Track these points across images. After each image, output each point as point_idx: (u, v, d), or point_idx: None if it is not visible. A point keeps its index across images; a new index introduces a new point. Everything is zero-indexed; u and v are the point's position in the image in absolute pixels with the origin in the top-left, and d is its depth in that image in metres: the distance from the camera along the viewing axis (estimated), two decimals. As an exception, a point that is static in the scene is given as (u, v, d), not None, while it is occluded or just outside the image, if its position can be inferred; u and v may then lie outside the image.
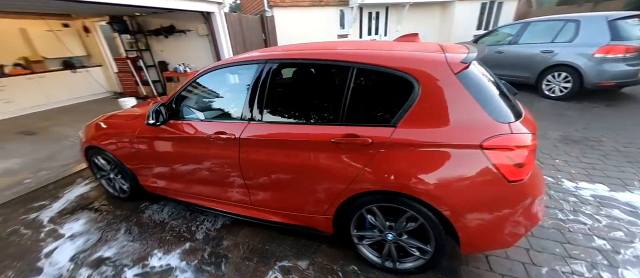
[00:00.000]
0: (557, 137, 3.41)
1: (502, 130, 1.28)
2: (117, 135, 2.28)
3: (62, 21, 7.08)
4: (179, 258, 1.88)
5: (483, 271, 1.66)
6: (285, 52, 1.77)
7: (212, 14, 5.57)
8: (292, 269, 1.74)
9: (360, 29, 9.77)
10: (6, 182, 3.08)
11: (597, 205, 2.17)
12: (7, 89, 6.03)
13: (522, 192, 1.31)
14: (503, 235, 1.41)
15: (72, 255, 1.97)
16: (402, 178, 1.38)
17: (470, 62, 1.36)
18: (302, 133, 1.59)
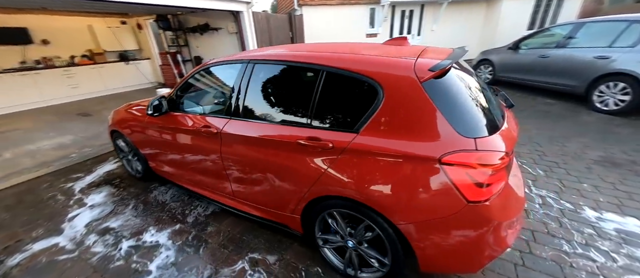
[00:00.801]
0: (595, 158, 2.94)
1: (465, 146, 1.18)
2: (132, 122, 2.59)
3: (120, 19, 8.14)
4: (167, 237, 2.08)
5: (452, 294, 1.54)
6: (265, 53, 1.83)
7: (241, 13, 5.89)
8: (260, 262, 1.82)
9: (390, 28, 9.42)
10: (58, 154, 3.70)
11: (619, 241, 1.85)
12: (75, 76, 7.15)
13: (484, 215, 1.18)
14: (464, 259, 1.30)
15: (87, 222, 2.30)
16: (359, 186, 1.36)
17: (439, 70, 1.26)
18: (274, 132, 1.64)
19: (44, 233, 2.19)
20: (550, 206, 2.23)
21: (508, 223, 1.25)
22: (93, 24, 7.56)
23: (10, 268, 1.84)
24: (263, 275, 1.72)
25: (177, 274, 1.75)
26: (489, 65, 6.59)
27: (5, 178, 3.09)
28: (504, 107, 1.73)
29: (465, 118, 1.25)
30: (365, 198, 1.35)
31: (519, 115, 4.32)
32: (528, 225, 2.03)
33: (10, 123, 5.31)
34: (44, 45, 6.86)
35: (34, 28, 6.57)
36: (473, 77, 1.61)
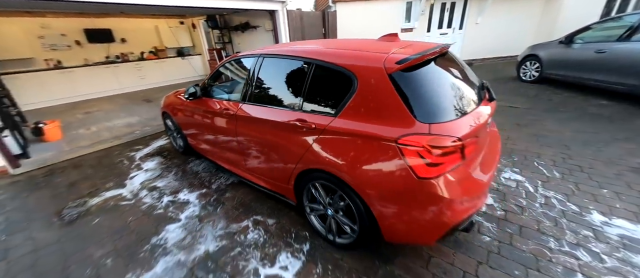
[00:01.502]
0: (635, 166, 2.64)
1: (419, 130, 1.35)
2: (177, 105, 3.19)
3: (179, 20, 9.40)
4: (195, 197, 2.60)
5: (418, 266, 1.70)
6: (273, 49, 2.17)
7: (276, 11, 6.37)
8: (261, 223, 2.20)
9: (428, 21, 9.01)
10: (126, 130, 4.64)
11: (618, 246, 1.76)
12: (143, 69, 8.55)
13: (433, 191, 1.34)
14: (419, 230, 1.47)
15: (142, 181, 2.97)
16: (332, 161, 1.62)
17: (405, 63, 1.44)
18: (274, 115, 1.97)
19: (113, 185, 2.90)
20: (553, 207, 2.16)
21: (460, 201, 1.38)
22: (158, 25, 8.89)
23: (90, 206, 2.55)
24: (261, 232, 2.09)
25: (199, 223, 2.23)
26: (536, 61, 5.99)
27: (91, 146, 4.05)
28: (486, 99, 1.77)
29: (424, 105, 1.41)
30: (338, 171, 1.60)
31: (559, 117, 3.98)
32: (518, 221, 2.03)
33: (96, 105, 6.69)
34: (123, 43, 8.34)
35: (115, 29, 8.04)
36: (458, 70, 1.72)
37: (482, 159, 1.66)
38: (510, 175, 2.62)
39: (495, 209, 2.17)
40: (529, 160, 2.87)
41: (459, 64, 1.90)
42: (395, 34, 2.04)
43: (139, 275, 1.76)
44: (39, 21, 6.85)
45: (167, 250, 1.96)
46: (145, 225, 2.25)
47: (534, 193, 2.34)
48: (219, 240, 2.03)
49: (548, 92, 5.32)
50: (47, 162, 3.59)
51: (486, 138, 1.78)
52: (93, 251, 1.99)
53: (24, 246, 2.08)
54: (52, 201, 2.67)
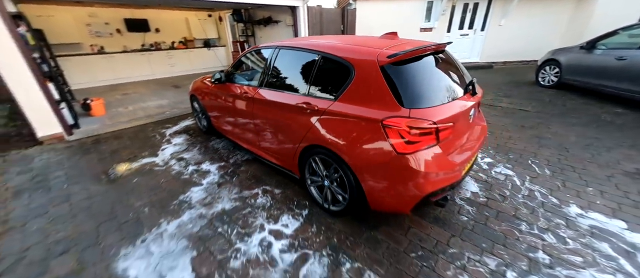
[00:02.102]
0: (629, 170, 2.71)
1: (401, 113, 1.64)
2: (203, 89, 3.63)
3: (208, 13, 10.02)
4: (215, 168, 3.02)
5: (398, 234, 1.98)
6: (288, 42, 2.50)
7: (297, 7, 6.71)
8: (268, 192, 2.56)
9: (449, 22, 8.94)
10: (157, 111, 5.21)
11: (586, 233, 1.93)
12: (173, 58, 9.25)
13: (408, 165, 1.62)
14: (396, 199, 1.75)
15: (171, 152, 3.44)
16: (330, 138, 1.93)
17: (395, 57, 1.71)
18: (285, 98, 2.31)
19: (148, 154, 3.40)
20: (534, 198, 2.33)
21: (431, 174, 1.64)
22: (189, 17, 9.55)
23: (131, 169, 3.04)
24: (269, 199, 2.45)
25: (217, 188, 2.63)
26: (556, 66, 5.88)
27: (129, 122, 4.63)
28: (470, 93, 1.99)
29: (407, 93, 1.68)
30: (334, 147, 1.91)
31: (568, 122, 4.01)
32: (497, 207, 2.23)
33: (132, 88, 7.42)
34: (157, 33, 9.07)
35: (151, 19, 8.77)
36: (448, 67, 1.97)
37: (459, 144, 1.90)
38: (501, 170, 2.79)
39: (478, 196, 2.38)
40: (523, 159, 3.01)
41: (451, 61, 2.13)
42: (395, 32, 2.29)
43: (169, 221, 2.18)
44: (88, 10, 7.67)
45: (191, 205, 2.38)
46: (174, 186, 2.69)
47: (519, 186, 2.52)
48: (233, 201, 2.42)
49: (564, 98, 5.25)
50: (94, 132, 4.20)
51: (467, 127, 2.00)
52: (134, 201, 2.45)
53: (80, 194, 2.59)
54: (100, 163, 3.20)
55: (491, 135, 3.67)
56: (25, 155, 3.44)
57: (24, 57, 3.43)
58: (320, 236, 1.99)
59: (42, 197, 2.54)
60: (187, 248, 1.90)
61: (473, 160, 2.12)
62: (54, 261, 1.81)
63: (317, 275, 1.67)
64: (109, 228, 2.11)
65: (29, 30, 3.83)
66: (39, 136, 3.73)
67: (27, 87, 3.49)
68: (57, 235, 2.05)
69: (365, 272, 1.68)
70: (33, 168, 3.10)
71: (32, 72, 3.51)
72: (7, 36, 3.26)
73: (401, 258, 1.78)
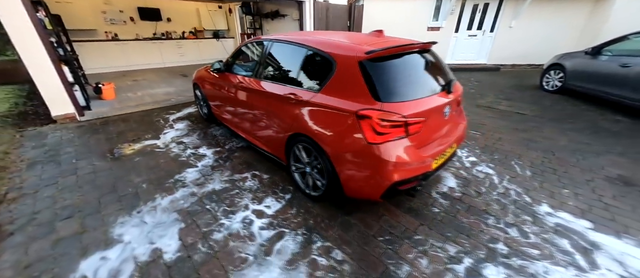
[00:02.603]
0: (611, 175, 2.75)
1: (374, 106, 1.76)
2: (204, 78, 3.82)
3: (218, 4, 10.21)
4: (211, 153, 3.21)
5: (371, 220, 2.11)
6: (281, 36, 2.63)
7: (304, 2, 6.80)
8: (257, 176, 2.74)
9: (457, 21, 8.84)
10: (164, 97, 5.46)
11: (549, 230, 2.02)
12: (183, 47, 9.52)
13: (377, 154, 1.75)
14: (367, 186, 1.89)
15: (172, 136, 3.66)
16: (311, 127, 2.07)
17: (373, 54, 1.83)
18: (275, 88, 2.46)
19: (150, 136, 3.63)
20: (508, 196, 2.42)
21: (398, 164, 1.76)
22: (199, 7, 9.77)
23: (134, 149, 3.27)
24: (256, 182, 2.63)
25: (211, 171, 2.82)
26: (560, 71, 5.80)
27: (136, 107, 4.89)
28: (445, 92, 2.08)
29: (381, 88, 1.80)
30: (314, 135, 2.05)
31: (563, 127, 4.02)
32: (470, 202, 2.34)
33: (142, 75, 7.73)
34: (168, 22, 9.33)
35: (163, 9, 9.03)
36: (429, 65, 2.08)
37: (431, 138, 2.01)
38: (483, 169, 2.88)
39: (454, 191, 2.49)
40: (508, 159, 3.08)
41: (434, 61, 2.23)
42: (381, 30, 2.40)
43: (164, 196, 2.39)
44: (103, -2, 7.98)
45: (185, 184, 2.58)
46: (171, 166, 2.90)
47: (497, 184, 2.60)
48: (224, 183, 2.61)
49: (565, 103, 5.21)
50: (103, 114, 4.47)
51: (441, 123, 2.10)
52: (134, 178, 2.67)
53: (87, 168, 2.83)
54: (107, 142, 3.45)
55: (482, 136, 3.73)
56: (40, 131, 3.73)
57: (42, 41, 3.69)
58: (299, 218, 2.15)
59: (53, 169, 2.79)
60: (177, 220, 2.10)
61: (449, 155, 2.22)
62: (59, 223, 2.04)
63: (289, 250, 1.83)
64: (110, 200, 2.34)
65: (47, 16, 4.10)
66: (53, 115, 4.01)
67: (44, 69, 3.75)
68: (64, 203, 2.28)
69: (333, 250, 1.83)
70: (46, 144, 3.37)
71: (48, 55, 3.77)
72: (27, 21, 3.52)
73: (369, 240, 1.92)
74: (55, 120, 4.05)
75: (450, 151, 2.21)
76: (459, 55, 9.49)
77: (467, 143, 3.50)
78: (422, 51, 2.19)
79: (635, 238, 1.95)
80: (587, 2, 8.34)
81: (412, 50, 2.07)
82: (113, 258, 1.75)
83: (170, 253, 1.80)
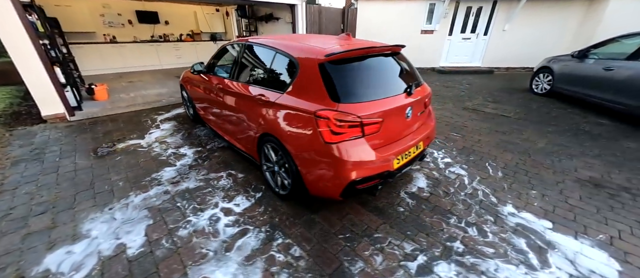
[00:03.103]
0: (582, 177, 2.77)
1: (331, 106, 1.82)
2: (188, 79, 3.90)
3: (215, 7, 10.37)
4: (192, 153, 3.28)
5: (334, 218, 2.16)
6: (254, 39, 2.71)
7: (296, 5, 6.90)
8: (232, 175, 2.80)
9: (451, 24, 8.88)
10: (156, 98, 5.56)
11: (509, 230, 2.05)
12: (180, 49, 9.66)
13: (334, 153, 1.80)
14: (327, 185, 1.94)
15: (157, 136, 3.75)
16: (277, 127, 2.13)
17: (332, 56, 1.89)
18: (248, 89, 2.53)
19: (135, 136, 3.72)
20: (475, 196, 2.46)
21: (355, 164, 1.81)
22: (197, 10, 9.93)
23: (117, 148, 3.35)
24: (230, 181, 2.69)
25: (188, 170, 2.89)
26: (549, 74, 5.82)
27: (127, 107, 4.99)
28: (406, 95, 2.13)
29: (339, 89, 1.86)
30: (278, 135, 2.11)
31: (544, 129, 4.05)
32: (436, 202, 2.37)
33: (138, 77, 7.86)
34: (166, 25, 9.49)
35: (161, 12, 9.19)
36: (394, 67, 2.14)
37: (391, 139, 2.06)
38: (456, 170, 2.91)
39: (423, 191, 2.53)
40: (483, 161, 3.11)
41: (399, 63, 2.28)
42: (349, 34, 2.47)
43: (138, 194, 2.46)
44: (101, 1, 8.16)
45: (160, 182, 2.65)
46: (150, 165, 2.97)
47: (466, 185, 2.64)
48: (199, 182, 2.67)
49: (552, 106, 5.22)
50: (93, 115, 4.58)
51: (404, 124, 2.14)
52: (112, 176, 2.75)
53: (69, 166, 2.92)
54: (92, 141, 3.54)
55: (461, 138, 3.76)
56: (29, 131, 3.84)
57: (33, 43, 3.80)
58: (265, 216, 2.20)
59: (35, 167, 2.88)
60: (146, 217, 2.16)
61: (415, 155, 2.27)
62: (32, 219, 2.12)
63: (250, 247, 1.89)
64: (85, 197, 2.41)
65: (39, 19, 4.22)
66: (44, 115, 4.12)
67: (34, 71, 3.87)
68: (40, 199, 2.36)
69: (292, 247, 1.88)
70: (33, 142, 3.47)
71: (39, 57, 3.89)
72: (18, 24, 3.64)
73: (329, 238, 1.97)
74: (46, 120, 4.16)
75: (415, 151, 2.25)
76: (453, 58, 9.53)
77: (445, 144, 3.53)
78: (388, 54, 2.25)
79: (592, 238, 1.97)
80: (581, 5, 8.35)
81: (374, 53, 2.13)
82: (78, 252, 1.82)
83: (134, 248, 1.86)
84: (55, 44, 4.99)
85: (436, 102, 5.54)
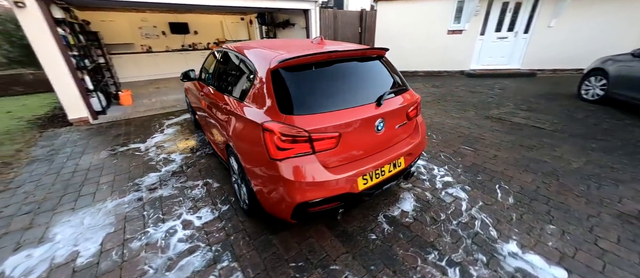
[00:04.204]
0: (629, 211, 2.14)
1: (278, 118, 1.62)
2: (188, 85, 4.00)
3: (240, 16, 10.83)
4: (180, 159, 3.31)
5: (293, 241, 1.93)
6: (232, 44, 2.62)
7: (309, 10, 6.82)
8: (209, 184, 2.73)
9: (484, 23, 7.97)
10: (172, 104, 5.88)
11: (504, 276, 1.61)
12: (206, 57, 10.26)
13: (278, 170, 1.59)
14: (275, 204, 1.73)
15: (156, 141, 3.89)
16: (233, 137, 2.00)
17: (284, 62, 1.69)
18: (220, 98, 2.44)
19: (139, 140, 3.90)
20: (470, 227, 2.02)
21: (302, 184, 1.57)
22: (223, 20, 10.46)
23: (118, 151, 3.54)
24: (203, 191, 2.62)
25: (169, 177, 2.90)
26: (603, 77, 4.83)
27: (145, 112, 5.34)
28: (376, 105, 1.83)
29: (289, 99, 1.66)
30: (234, 146, 1.97)
31: (586, 145, 3.34)
32: (418, 231, 2.00)
33: (165, 83, 8.48)
34: (195, 34, 10.16)
35: (191, 23, 9.87)
36: (363, 75, 1.89)
37: (353, 156, 1.77)
38: (455, 191, 2.47)
39: (406, 216, 2.16)
40: (492, 183, 2.60)
41: (375, 69, 2.00)
42: (321, 37, 2.24)
43: (114, 198, 2.51)
44: (140, 16, 9.00)
45: (139, 188, 2.68)
46: (138, 169, 3.05)
47: (462, 211, 2.20)
48: (174, 189, 2.65)
49: (603, 116, 4.30)
50: (114, 118, 4.97)
51: (371, 139, 1.83)
52: (102, 179, 2.87)
53: (69, 168, 3.13)
54: (101, 144, 3.80)
55: (473, 152, 3.23)
56: (56, 132, 4.28)
57: (62, 54, 4.25)
58: (222, 232, 2.07)
59: (44, 167, 3.15)
60: (110, 224, 2.17)
61: (391, 175, 1.94)
62: (16, 218, 2.26)
63: (192, 268, 1.75)
64: (69, 199, 2.53)
65: (70, 32, 4.73)
66: (70, 118, 4.58)
67: (61, 79, 4.31)
68: (32, 199, 2.54)
69: (235, 273, 1.70)
70: (54, 144, 3.84)
71: (67, 67, 4.33)
72: (50, 38, 4.09)
73: (279, 265, 1.75)
74: (71, 122, 4.61)
75: (393, 169, 1.93)
76: (487, 60, 8.57)
77: (450, 160, 3.06)
78: (364, 58, 1.99)
79: (625, 302, 1.45)
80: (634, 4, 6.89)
81: (342, 58, 1.87)
82: (35, 256, 1.87)
83: (85, 257, 1.85)
84: (88, 55, 5.57)
85: (454, 109, 4.95)
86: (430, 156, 3.17)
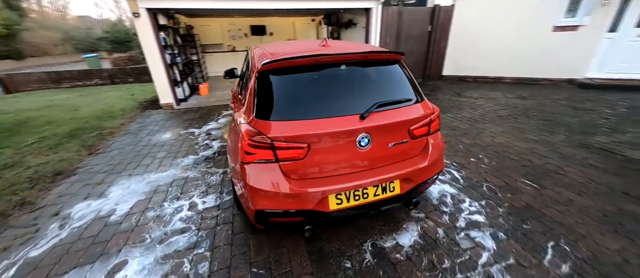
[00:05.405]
0: None
1: (249, 122, 1.61)
2: (239, 83, 4.45)
3: (310, 18, 11.34)
4: (217, 146, 3.74)
5: (265, 247, 1.91)
6: (256, 47, 2.74)
7: (370, 9, 6.51)
8: (226, 173, 2.98)
9: (616, 16, 5.76)
10: (215, 102, 6.69)
11: None
12: (278, 56, 11.22)
13: (243, 174, 1.59)
14: (245, 206, 1.74)
15: (209, 128, 4.50)
16: (228, 140, 2.10)
17: (267, 65, 1.67)
18: (235, 95, 2.62)
19: (197, 125, 4.61)
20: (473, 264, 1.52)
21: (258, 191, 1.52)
22: (295, 22, 11.20)
23: (179, 133, 4.28)
24: (218, 178, 2.88)
25: (202, 161, 3.32)
26: None
27: (214, 102, 6.26)
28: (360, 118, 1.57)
29: (270, 104, 1.62)
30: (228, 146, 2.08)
31: None
32: (406, 274, 1.64)
33: (240, 78, 9.72)
34: (271, 36, 11.24)
35: (268, 25, 10.96)
36: (354, 82, 1.72)
37: (326, 170, 1.58)
38: (478, 236, 1.91)
39: (400, 250, 1.81)
40: (546, 237, 1.88)
41: (374, 75, 1.76)
42: (326, 39, 2.09)
43: (157, 172, 3.05)
44: (230, 20, 10.57)
45: (177, 167, 3.17)
46: (183, 150, 3.61)
47: (478, 265, 1.67)
48: (199, 173, 3.02)
49: None
50: (191, 106, 6.03)
51: (354, 154, 1.59)
52: (158, 154, 3.53)
53: (143, 141, 3.97)
54: (173, 126, 4.68)
55: (534, 192, 2.42)
56: (150, 113, 5.51)
57: (160, 52, 5.43)
58: (214, 220, 2.23)
59: (130, 139, 4.11)
60: (144, 193, 2.65)
61: (379, 200, 1.67)
62: (97, 175, 3.03)
63: (175, 246, 1.95)
64: (132, 166, 3.22)
65: (169, 35, 5.97)
66: (161, 103, 5.82)
67: (157, 71, 5.51)
68: (112, 162, 3.35)
69: (205, 261, 1.81)
70: (144, 122, 4.96)
71: (162, 62, 5.50)
72: (153, 40, 5.28)
73: (241, 265, 1.76)
74: (162, 106, 5.85)
75: (381, 194, 1.66)
76: (617, 66, 6.25)
77: (495, 195, 2.38)
78: (365, 63, 1.77)
79: None
80: None
81: (336, 62, 1.70)
82: (92, 207, 2.46)
83: (117, 215, 2.33)
84: (182, 53, 6.91)
85: (535, 129, 3.83)
86: (468, 184, 2.55)
